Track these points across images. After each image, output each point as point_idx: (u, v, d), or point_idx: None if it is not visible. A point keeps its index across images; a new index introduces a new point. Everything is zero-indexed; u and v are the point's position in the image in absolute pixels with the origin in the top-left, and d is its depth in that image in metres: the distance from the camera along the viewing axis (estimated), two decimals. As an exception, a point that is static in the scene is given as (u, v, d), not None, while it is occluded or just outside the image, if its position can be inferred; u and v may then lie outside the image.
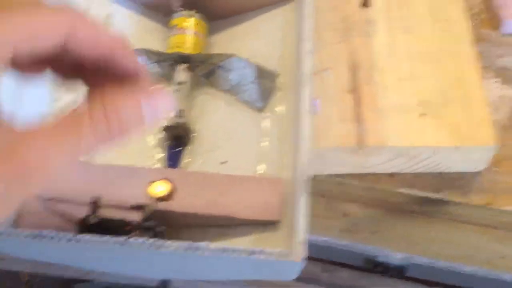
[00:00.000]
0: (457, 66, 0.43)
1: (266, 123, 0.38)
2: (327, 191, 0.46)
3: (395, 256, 0.55)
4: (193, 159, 0.37)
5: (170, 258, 0.30)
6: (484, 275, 0.54)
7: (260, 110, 0.38)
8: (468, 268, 0.54)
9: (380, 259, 0.57)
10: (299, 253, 0.29)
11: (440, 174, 0.43)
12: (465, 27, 0.45)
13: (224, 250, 0.29)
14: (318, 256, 0.63)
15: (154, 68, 0.40)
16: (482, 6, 0.51)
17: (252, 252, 0.29)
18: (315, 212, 0.52)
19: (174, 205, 0.33)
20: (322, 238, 0.57)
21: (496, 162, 0.43)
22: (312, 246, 0.58)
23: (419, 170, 0.43)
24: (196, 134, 0.38)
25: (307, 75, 0.35)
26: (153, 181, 0.33)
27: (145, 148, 0.38)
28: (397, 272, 0.58)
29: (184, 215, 0.32)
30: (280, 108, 0.38)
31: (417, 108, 0.41)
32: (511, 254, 0.49)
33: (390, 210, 0.46)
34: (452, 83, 0.42)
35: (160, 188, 0.33)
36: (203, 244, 0.29)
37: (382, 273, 0.58)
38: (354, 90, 0.42)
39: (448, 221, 0.45)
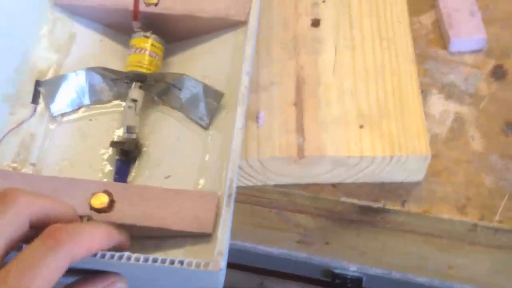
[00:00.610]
0: (397, 82, 0.45)
1: (210, 140, 0.40)
2: (276, 201, 0.48)
3: (350, 267, 0.57)
4: (140, 173, 0.39)
5: (109, 267, 0.32)
6: (437, 285, 0.55)
7: (206, 127, 0.40)
8: (421, 279, 0.55)
9: (337, 271, 0.59)
10: (217, 263, 0.30)
11: (381, 184, 0.45)
12: (408, 45, 0.48)
13: (145, 259, 0.31)
14: (275, 268, 0.64)
15: (110, 87, 0.42)
16: (431, 27, 0.54)
17: (171, 262, 0.30)
18: (269, 224, 0.54)
19: (112, 217, 0.35)
20: (279, 251, 0.59)
21: (435, 172, 0.45)
22: (268, 258, 0.59)
23: (361, 180, 0.45)
24: (145, 149, 0.40)
25: (242, 94, 0.38)
26: (94, 193, 0.35)
27: (95, 161, 0.40)
28: (356, 284, 0.60)
29: (122, 227, 0.34)
30: (223, 125, 0.40)
31: (356, 120, 0.44)
32: (458, 264, 0.51)
33: (336, 220, 0.48)
34: (391, 97, 0.45)
35: (100, 200, 0.35)
36: (126, 254, 0.31)
37: (340, 286, 0.60)
38: (298, 103, 0.45)
39: (391, 231, 0.47)
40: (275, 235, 0.56)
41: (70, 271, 0.28)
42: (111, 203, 0.35)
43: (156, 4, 0.43)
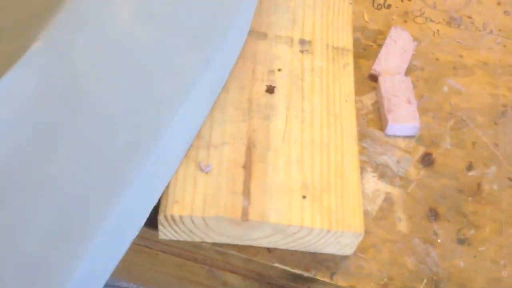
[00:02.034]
0: (340, 158, 0.48)
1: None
2: (210, 259, 0.49)
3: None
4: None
5: None
6: None
7: None
8: None
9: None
10: None
11: (314, 254, 0.47)
12: (353, 124, 0.51)
13: None
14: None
15: None
16: (371, 108, 0.58)
17: None
18: (197, 279, 0.54)
19: None
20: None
21: (363, 248, 0.48)
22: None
23: (296, 248, 0.47)
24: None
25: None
26: None
27: None
28: None
29: None
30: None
31: (300, 190, 0.46)
32: None
33: (265, 284, 0.49)
34: (333, 172, 0.47)
35: None
36: None
37: None
38: (247, 165, 0.46)
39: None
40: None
41: None
42: None
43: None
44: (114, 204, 0.36)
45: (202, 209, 0.44)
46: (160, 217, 0.44)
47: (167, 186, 0.44)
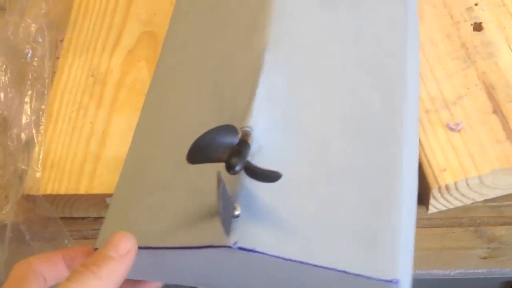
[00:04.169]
0: None
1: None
2: (479, 218, 0.46)
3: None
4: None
5: None
6: None
7: None
8: None
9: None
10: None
11: None
12: None
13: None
14: None
15: None
16: None
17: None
18: (459, 244, 0.51)
19: None
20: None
21: None
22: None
23: None
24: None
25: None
26: None
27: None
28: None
29: None
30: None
31: None
32: None
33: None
34: None
35: None
36: None
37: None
38: (497, 110, 0.43)
39: None
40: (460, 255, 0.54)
41: None
42: None
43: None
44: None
45: (474, 168, 0.41)
46: (434, 190, 0.41)
47: (426, 158, 0.42)
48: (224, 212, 0.30)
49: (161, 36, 0.49)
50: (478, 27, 0.48)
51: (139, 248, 0.32)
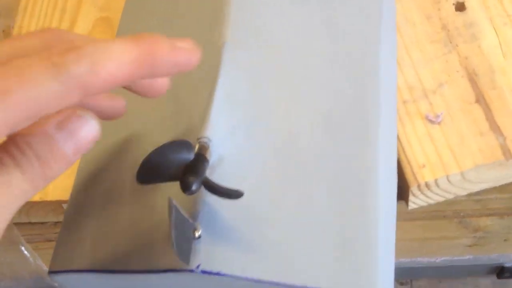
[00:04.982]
0: None
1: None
2: (463, 211, 0.43)
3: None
4: None
5: None
6: None
7: None
8: None
9: (508, 264, 0.54)
10: None
11: None
12: None
13: None
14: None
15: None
16: None
17: None
18: (443, 234, 0.49)
19: None
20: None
21: None
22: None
23: None
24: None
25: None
26: None
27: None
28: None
29: None
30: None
31: (555, 103, 0.39)
32: None
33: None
34: None
35: None
36: None
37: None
38: (480, 99, 0.40)
39: None
40: (444, 244, 0.52)
41: None
42: None
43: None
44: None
45: (456, 163, 0.38)
46: (412, 188, 0.39)
47: (404, 153, 0.39)
48: (180, 238, 0.27)
49: (118, 22, 0.45)
50: (460, 6, 0.44)
51: (90, 271, 0.29)
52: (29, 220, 0.45)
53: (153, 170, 0.28)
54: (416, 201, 0.41)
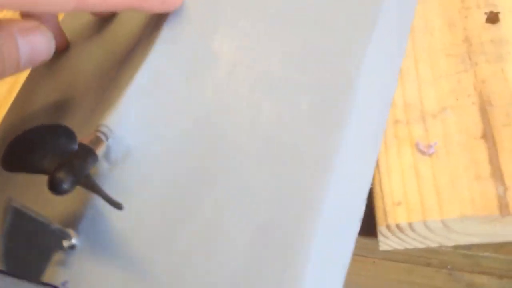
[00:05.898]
0: None
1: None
2: (452, 263, 0.36)
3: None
4: None
5: None
6: None
7: None
8: None
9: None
10: None
11: None
12: None
13: None
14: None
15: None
16: None
17: None
18: (431, 282, 0.42)
19: None
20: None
21: None
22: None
23: None
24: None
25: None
26: None
27: None
28: None
29: None
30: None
31: None
32: None
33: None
34: None
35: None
36: None
37: None
38: (487, 134, 0.32)
39: None
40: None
41: None
42: None
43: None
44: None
45: (439, 209, 0.31)
46: (381, 228, 0.32)
47: (380, 184, 0.32)
48: (29, 247, 0.22)
49: None
50: (493, 18, 0.36)
51: None
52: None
53: (22, 156, 0.23)
54: (388, 242, 0.34)
